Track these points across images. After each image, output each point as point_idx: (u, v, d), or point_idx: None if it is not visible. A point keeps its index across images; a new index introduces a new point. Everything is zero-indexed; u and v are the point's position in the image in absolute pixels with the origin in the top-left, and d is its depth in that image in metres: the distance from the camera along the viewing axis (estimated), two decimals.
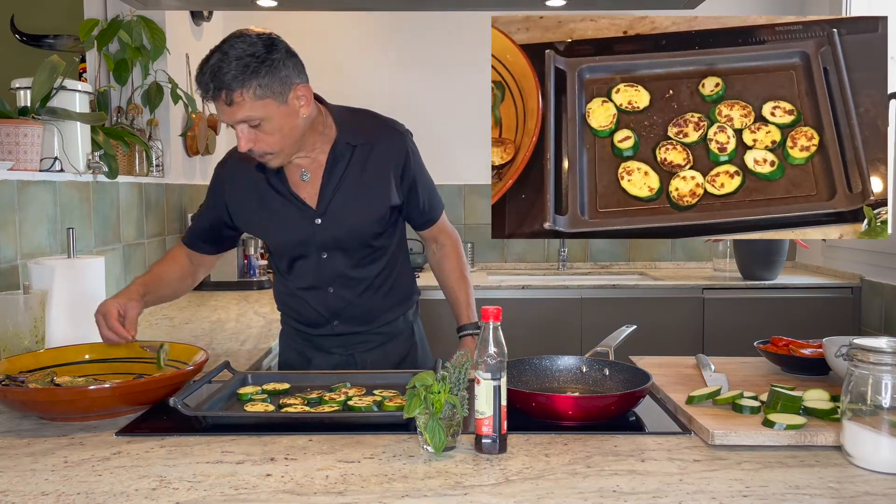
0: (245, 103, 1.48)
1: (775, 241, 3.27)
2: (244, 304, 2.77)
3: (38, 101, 2.02)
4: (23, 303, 1.59)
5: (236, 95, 1.47)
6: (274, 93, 1.50)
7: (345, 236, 1.69)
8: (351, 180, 1.68)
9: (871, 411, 1.04)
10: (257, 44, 1.49)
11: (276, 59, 1.49)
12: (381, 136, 1.71)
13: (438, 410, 1.10)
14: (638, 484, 1.01)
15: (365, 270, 1.74)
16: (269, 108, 1.50)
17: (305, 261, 1.72)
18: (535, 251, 3.96)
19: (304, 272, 1.73)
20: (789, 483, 1.01)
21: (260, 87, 1.48)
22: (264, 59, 1.48)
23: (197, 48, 3.41)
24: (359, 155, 1.68)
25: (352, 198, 1.68)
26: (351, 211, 1.68)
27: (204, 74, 1.48)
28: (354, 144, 1.67)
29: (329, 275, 1.72)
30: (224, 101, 1.48)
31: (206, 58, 1.49)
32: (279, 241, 1.72)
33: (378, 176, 1.69)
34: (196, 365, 1.40)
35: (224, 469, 1.06)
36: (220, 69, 1.46)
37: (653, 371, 1.45)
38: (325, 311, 1.75)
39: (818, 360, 1.48)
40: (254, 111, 1.49)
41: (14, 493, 0.99)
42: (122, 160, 2.58)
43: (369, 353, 1.80)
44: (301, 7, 3.09)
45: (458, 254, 1.87)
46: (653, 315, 3.25)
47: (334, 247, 1.70)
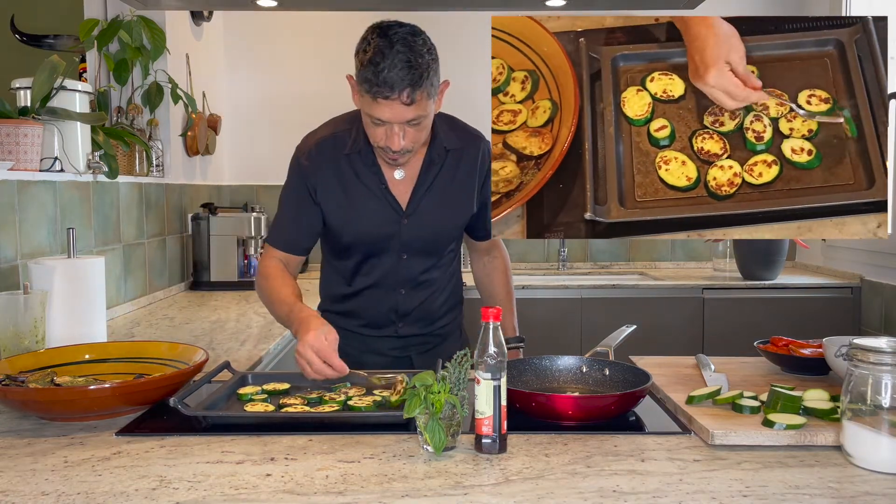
0: (421, 103, 1.48)
1: (775, 241, 3.27)
2: (244, 304, 2.77)
3: (38, 101, 2.02)
4: (23, 303, 1.59)
5: (417, 95, 1.46)
6: (435, 92, 1.52)
7: (428, 238, 1.70)
8: (442, 184, 1.69)
9: (871, 411, 1.04)
10: (420, 41, 1.48)
11: (436, 57, 1.51)
12: (470, 142, 1.73)
13: (438, 410, 1.10)
14: (638, 484, 1.01)
15: (435, 273, 1.76)
16: (430, 106, 1.52)
17: (381, 260, 1.71)
18: (535, 251, 3.96)
19: (377, 272, 1.72)
20: (789, 483, 1.01)
21: (431, 87, 1.49)
22: (434, 58, 1.49)
23: (197, 48, 3.41)
24: (451, 159, 1.70)
25: (440, 201, 1.69)
26: (437, 214, 1.69)
27: (381, 72, 1.43)
28: (449, 149, 1.69)
29: (404, 276, 1.72)
30: (403, 100, 1.46)
31: (379, 52, 1.44)
32: (360, 236, 1.69)
33: (465, 182, 1.71)
34: (196, 365, 1.40)
35: (224, 469, 1.06)
36: (411, 66, 1.44)
37: (653, 371, 1.45)
38: (393, 313, 1.75)
39: (818, 360, 1.48)
40: (424, 110, 1.50)
41: (14, 493, 0.99)
42: (122, 160, 2.58)
43: (425, 355, 1.80)
44: (301, 7, 3.08)
45: (507, 269, 1.90)
46: (653, 315, 3.25)
47: (415, 248, 1.70)
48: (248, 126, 3.92)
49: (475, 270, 1.93)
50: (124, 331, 2.26)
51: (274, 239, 1.73)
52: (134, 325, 2.35)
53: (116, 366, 1.54)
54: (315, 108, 2.62)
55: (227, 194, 3.88)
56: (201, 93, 3.46)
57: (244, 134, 3.93)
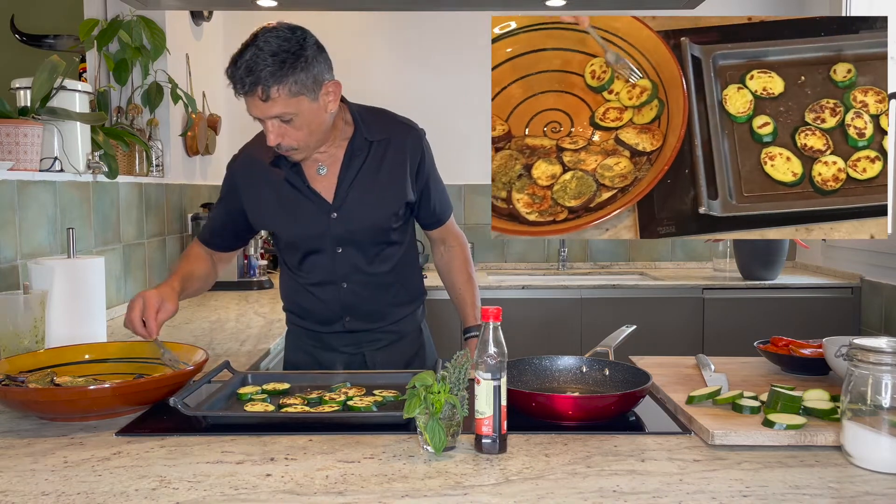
0: (280, 99, 1.49)
1: (775, 241, 3.27)
2: (244, 304, 2.77)
3: (38, 101, 2.01)
4: (23, 303, 1.59)
5: (273, 91, 1.48)
6: (307, 90, 1.52)
7: (360, 230, 1.70)
8: (367, 176, 1.69)
9: (871, 411, 1.04)
10: (291, 39, 1.50)
11: (310, 55, 1.51)
12: (397, 133, 1.73)
13: (438, 410, 1.10)
14: (638, 484, 1.01)
15: (378, 266, 1.75)
16: (302, 104, 1.52)
17: (319, 255, 1.73)
18: (535, 251, 3.96)
19: (317, 267, 1.74)
20: (789, 483, 1.01)
21: (295, 84, 1.49)
22: (299, 56, 1.49)
23: (197, 48, 3.41)
24: (375, 151, 1.70)
25: (367, 193, 1.69)
26: (366, 205, 1.69)
27: (238, 69, 1.48)
28: (371, 140, 1.70)
29: (343, 270, 1.73)
30: (259, 97, 1.49)
31: (239, 52, 1.49)
32: (294, 234, 1.72)
33: (394, 172, 1.71)
34: (196, 365, 1.40)
35: (224, 469, 1.06)
36: (257, 64, 1.46)
37: (653, 371, 1.45)
38: (338, 307, 1.76)
39: (818, 360, 1.48)
40: (288, 107, 1.51)
41: (14, 493, 0.99)
42: (122, 160, 2.58)
43: (379, 353, 1.80)
44: (301, 7, 3.08)
45: (466, 256, 1.89)
46: (653, 315, 3.25)
47: (349, 241, 1.71)
48: (248, 126, 3.89)
49: (435, 261, 1.93)
50: (124, 331, 2.25)
51: (200, 233, 1.88)
52: None
53: (116, 366, 1.54)
54: None
55: None
56: (201, 93, 3.46)
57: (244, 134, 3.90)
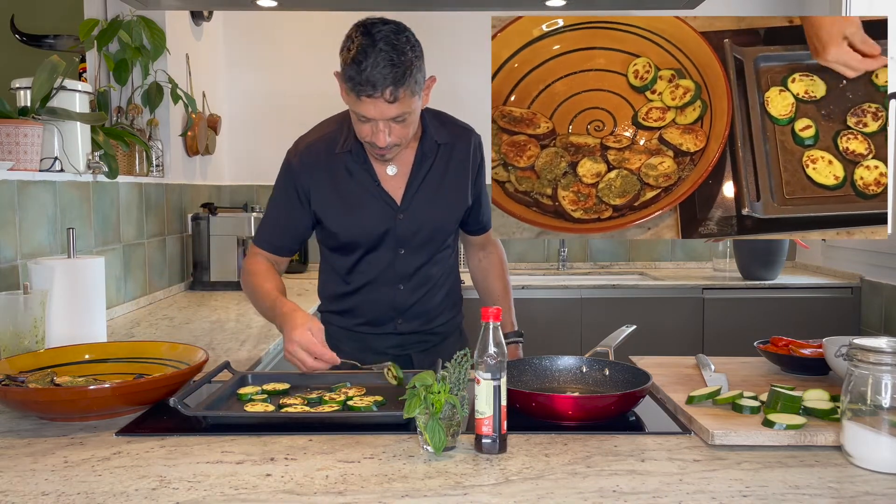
0: (405, 100, 1.49)
1: (775, 241, 3.27)
2: (244, 304, 2.77)
3: (38, 101, 2.01)
4: (23, 303, 1.59)
5: (400, 92, 1.47)
6: (420, 87, 1.52)
7: (424, 233, 1.71)
8: (435, 178, 1.70)
9: (871, 411, 1.04)
10: (401, 36, 1.47)
11: (420, 52, 1.51)
12: (461, 137, 1.74)
13: (438, 410, 1.10)
14: (638, 484, 1.01)
15: (434, 268, 1.76)
16: (415, 103, 1.53)
17: (378, 256, 1.71)
18: (536, 251, 3.96)
19: (375, 268, 1.72)
20: (789, 483, 1.01)
21: (416, 84, 1.49)
22: (416, 55, 1.49)
23: (197, 48, 3.41)
24: (443, 154, 1.71)
25: (435, 195, 1.70)
26: (433, 208, 1.70)
27: (364, 70, 1.44)
28: (440, 143, 1.70)
29: (402, 272, 1.73)
30: (387, 98, 1.47)
31: (359, 52, 1.45)
32: (357, 234, 1.70)
33: (458, 176, 1.72)
34: (196, 365, 1.40)
35: (224, 469, 1.06)
36: (387, 66, 1.44)
37: (653, 371, 1.45)
38: (392, 309, 1.75)
39: (818, 360, 1.48)
40: (408, 107, 1.51)
41: (14, 493, 0.99)
42: (122, 160, 2.58)
43: (425, 354, 1.80)
44: (301, 7, 3.08)
45: (505, 265, 1.91)
46: (653, 315, 3.25)
47: (411, 243, 1.71)
48: (248, 126, 3.92)
49: (471, 266, 1.93)
50: (124, 331, 2.26)
51: (259, 240, 1.76)
52: (134, 325, 2.35)
53: (116, 366, 1.54)
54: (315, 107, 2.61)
55: (227, 194, 3.88)
56: (201, 93, 3.46)
57: (244, 134, 3.93)
